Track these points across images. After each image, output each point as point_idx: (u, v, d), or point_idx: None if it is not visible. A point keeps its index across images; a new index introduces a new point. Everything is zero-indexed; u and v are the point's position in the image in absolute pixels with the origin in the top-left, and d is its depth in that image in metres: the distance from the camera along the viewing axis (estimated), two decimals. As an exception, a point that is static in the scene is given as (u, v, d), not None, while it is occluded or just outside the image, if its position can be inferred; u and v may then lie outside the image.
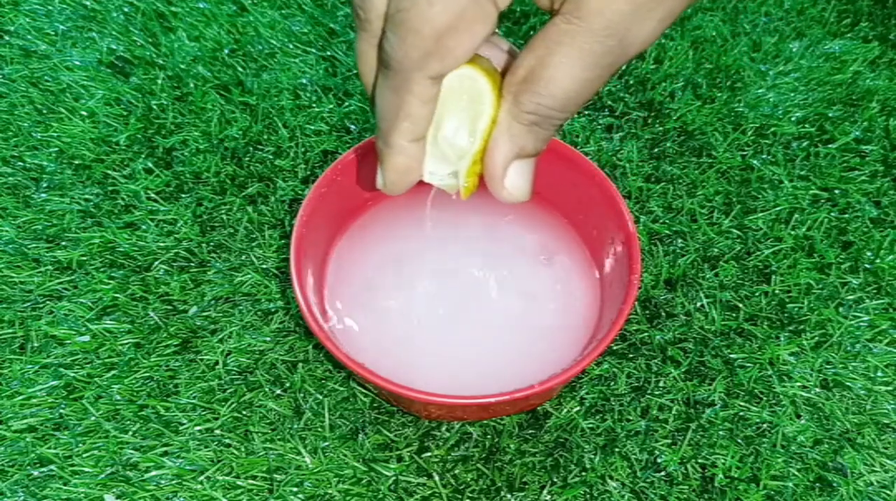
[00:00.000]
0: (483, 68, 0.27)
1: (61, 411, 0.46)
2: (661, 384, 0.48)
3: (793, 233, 0.54)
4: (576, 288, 0.46)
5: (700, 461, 0.45)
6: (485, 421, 0.46)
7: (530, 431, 0.46)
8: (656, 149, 0.58)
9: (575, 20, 0.24)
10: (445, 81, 0.27)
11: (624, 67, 0.64)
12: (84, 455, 0.44)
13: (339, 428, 0.46)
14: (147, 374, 0.47)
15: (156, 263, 0.52)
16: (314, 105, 0.60)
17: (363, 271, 0.47)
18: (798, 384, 0.48)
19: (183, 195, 0.55)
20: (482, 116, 0.28)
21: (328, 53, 0.64)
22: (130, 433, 0.45)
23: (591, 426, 0.46)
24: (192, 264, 0.52)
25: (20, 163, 0.57)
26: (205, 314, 0.50)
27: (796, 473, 0.45)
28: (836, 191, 0.57)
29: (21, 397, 0.46)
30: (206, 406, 0.46)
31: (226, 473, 0.44)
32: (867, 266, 0.53)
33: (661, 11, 0.25)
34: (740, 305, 0.51)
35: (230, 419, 0.46)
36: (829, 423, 0.47)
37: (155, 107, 0.60)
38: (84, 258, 0.52)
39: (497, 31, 0.27)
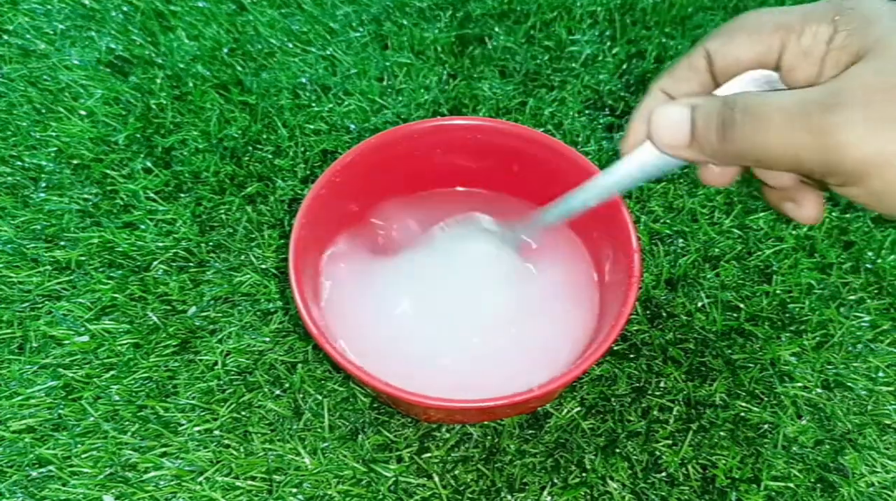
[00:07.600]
0: None
1: (60, 411, 0.46)
2: (661, 384, 0.48)
3: (794, 232, 0.54)
4: (576, 290, 0.46)
5: (701, 461, 0.45)
6: (485, 422, 0.45)
7: (530, 431, 0.46)
8: (657, 149, 0.58)
9: None
10: None
11: (625, 66, 0.63)
12: (83, 456, 0.44)
13: (338, 429, 0.45)
14: (146, 375, 0.47)
15: (155, 263, 0.51)
16: (314, 104, 0.60)
17: (362, 272, 0.47)
18: (799, 384, 0.48)
19: (182, 195, 0.55)
20: None
21: (328, 52, 0.64)
22: (129, 433, 0.45)
23: (591, 426, 0.46)
24: (191, 264, 0.52)
25: (19, 163, 0.57)
26: (204, 314, 0.50)
27: (797, 474, 0.45)
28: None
29: (20, 397, 0.46)
30: (205, 406, 0.46)
31: (225, 474, 0.44)
32: (868, 266, 0.53)
33: None
34: (741, 305, 0.51)
35: (229, 419, 0.46)
36: (831, 424, 0.46)
37: (154, 106, 0.60)
38: (83, 258, 0.52)
39: None
